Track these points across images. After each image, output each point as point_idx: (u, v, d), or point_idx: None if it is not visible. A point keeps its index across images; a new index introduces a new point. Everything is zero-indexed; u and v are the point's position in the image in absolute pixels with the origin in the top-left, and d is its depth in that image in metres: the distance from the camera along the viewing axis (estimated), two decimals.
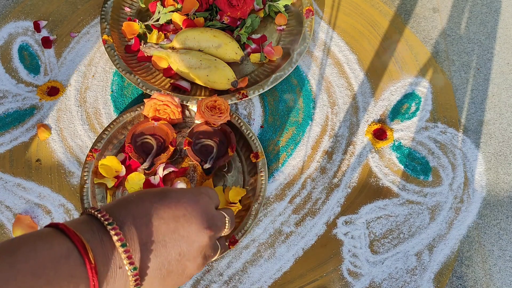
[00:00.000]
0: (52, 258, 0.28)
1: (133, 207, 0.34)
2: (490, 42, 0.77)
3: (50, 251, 0.29)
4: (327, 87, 0.72)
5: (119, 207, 0.34)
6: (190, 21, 0.72)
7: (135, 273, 0.32)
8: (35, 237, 0.30)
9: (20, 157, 0.66)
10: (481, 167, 0.67)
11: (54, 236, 0.30)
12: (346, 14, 0.79)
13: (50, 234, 0.30)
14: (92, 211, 0.33)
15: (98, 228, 0.32)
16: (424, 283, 0.59)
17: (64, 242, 0.30)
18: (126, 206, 0.35)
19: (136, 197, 0.36)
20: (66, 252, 0.29)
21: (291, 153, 0.67)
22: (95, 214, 0.33)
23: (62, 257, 0.29)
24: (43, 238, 0.30)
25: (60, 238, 0.30)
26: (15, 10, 0.78)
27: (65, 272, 0.28)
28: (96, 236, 0.31)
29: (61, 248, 0.29)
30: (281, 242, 0.61)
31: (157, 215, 0.35)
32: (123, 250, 0.32)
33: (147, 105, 0.64)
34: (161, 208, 0.35)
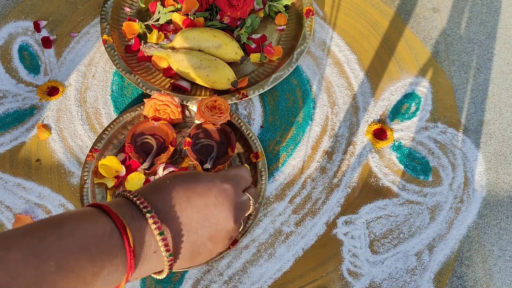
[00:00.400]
0: (96, 235, 0.30)
1: (167, 195, 0.36)
2: (490, 42, 0.77)
3: (95, 229, 0.30)
4: (327, 87, 0.72)
5: (154, 194, 0.36)
6: (190, 21, 0.72)
7: (170, 259, 0.34)
8: (80, 214, 0.31)
9: (20, 157, 0.66)
10: (481, 167, 0.67)
11: (98, 216, 0.32)
12: (346, 14, 0.79)
13: (94, 213, 0.32)
14: (130, 196, 0.35)
15: (137, 213, 0.34)
16: (424, 283, 0.59)
17: (108, 222, 0.31)
18: (160, 192, 0.36)
19: (170, 184, 0.37)
20: (110, 231, 0.31)
21: (291, 153, 0.67)
22: (133, 200, 0.34)
23: (105, 236, 0.30)
24: (87, 216, 0.31)
25: (104, 218, 0.32)
26: (15, 10, 0.78)
27: (107, 250, 0.30)
28: (135, 220, 0.33)
29: (105, 227, 0.31)
30: (281, 242, 0.61)
31: (190, 204, 0.37)
32: (161, 238, 0.33)
33: (147, 105, 0.64)
34: (193, 196, 0.37)
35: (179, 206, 0.36)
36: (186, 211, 0.36)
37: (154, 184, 0.38)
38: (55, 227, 0.29)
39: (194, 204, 0.37)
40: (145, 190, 0.37)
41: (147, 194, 0.36)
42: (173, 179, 0.38)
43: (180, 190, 0.37)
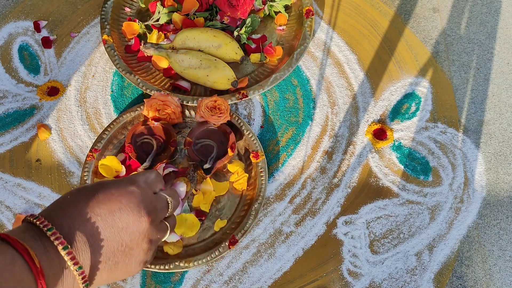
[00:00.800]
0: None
1: (69, 209, 0.36)
2: (490, 42, 0.77)
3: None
4: (327, 87, 0.72)
5: (56, 211, 0.35)
6: (190, 21, 0.72)
7: (81, 272, 0.34)
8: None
9: (20, 157, 0.66)
10: (481, 167, 0.67)
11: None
12: (346, 14, 0.79)
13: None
14: (31, 218, 0.34)
15: (40, 234, 0.33)
16: (424, 283, 0.59)
17: (8, 251, 0.30)
18: (62, 208, 0.36)
19: (71, 198, 0.37)
20: (11, 259, 0.30)
21: (291, 153, 0.67)
22: (33, 222, 0.34)
23: (7, 265, 0.30)
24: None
25: (3, 247, 0.31)
26: (15, 10, 0.78)
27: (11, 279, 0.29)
28: (38, 242, 0.32)
29: (6, 256, 0.30)
30: (281, 242, 0.61)
31: (93, 213, 0.36)
32: (66, 252, 0.33)
33: (147, 105, 0.64)
34: (95, 205, 0.36)
35: (83, 218, 0.35)
36: (90, 221, 0.35)
37: (57, 202, 0.37)
38: None
39: (98, 212, 0.36)
40: (48, 209, 0.36)
41: (51, 213, 0.35)
42: (74, 193, 0.37)
43: (82, 201, 0.36)
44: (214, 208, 0.62)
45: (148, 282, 0.58)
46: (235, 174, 0.62)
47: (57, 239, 0.33)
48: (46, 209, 0.36)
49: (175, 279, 0.59)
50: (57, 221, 0.34)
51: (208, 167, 0.61)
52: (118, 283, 0.58)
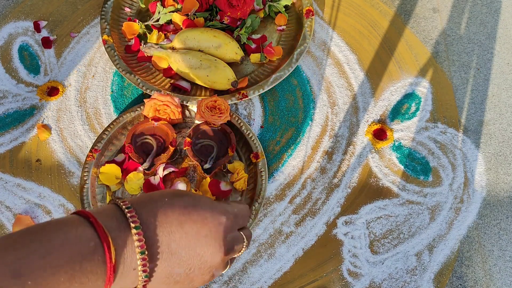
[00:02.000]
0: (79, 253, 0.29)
1: (161, 213, 0.35)
2: (490, 42, 0.77)
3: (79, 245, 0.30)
4: (327, 87, 0.72)
5: (147, 207, 0.35)
6: (190, 21, 0.72)
7: (145, 280, 0.33)
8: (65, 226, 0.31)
9: (20, 157, 0.66)
10: (481, 167, 0.67)
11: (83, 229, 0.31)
12: (346, 14, 0.79)
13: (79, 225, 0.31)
14: (123, 206, 0.34)
15: (125, 225, 0.33)
16: (424, 283, 0.59)
17: (93, 238, 0.31)
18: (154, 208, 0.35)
19: (168, 202, 0.36)
20: (93, 248, 0.30)
21: (291, 153, 0.67)
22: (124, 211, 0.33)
23: (88, 253, 0.30)
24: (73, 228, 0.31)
25: (89, 232, 0.31)
26: (15, 10, 0.78)
27: (88, 268, 0.30)
28: (121, 235, 0.32)
29: (89, 243, 0.30)
30: (281, 242, 0.61)
31: (181, 228, 0.35)
32: (141, 258, 0.33)
33: (147, 105, 0.64)
34: (186, 222, 0.36)
35: (170, 228, 0.35)
36: (175, 235, 0.35)
37: (151, 197, 0.37)
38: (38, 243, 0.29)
39: (186, 230, 0.35)
40: (140, 201, 0.36)
41: (141, 207, 0.35)
42: (172, 198, 0.37)
43: (176, 211, 0.36)
44: None
45: None
46: (235, 174, 0.62)
47: (139, 241, 0.33)
48: (138, 199, 0.36)
49: None
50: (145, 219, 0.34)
51: (208, 167, 0.61)
52: None
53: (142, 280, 0.33)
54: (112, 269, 0.31)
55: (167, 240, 0.35)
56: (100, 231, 0.31)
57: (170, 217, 0.35)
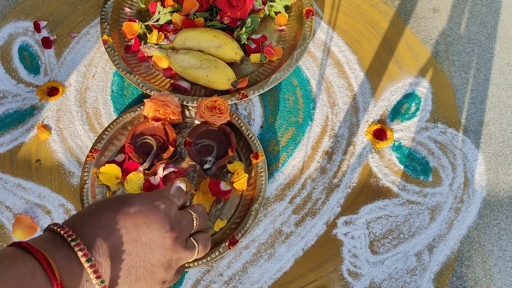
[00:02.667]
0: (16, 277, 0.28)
1: (94, 220, 0.35)
2: (490, 42, 0.77)
3: (14, 270, 0.29)
4: (327, 87, 0.72)
5: (81, 221, 0.35)
6: (190, 21, 0.72)
7: (103, 286, 0.33)
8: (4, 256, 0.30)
9: (20, 157, 0.66)
10: (481, 167, 0.67)
11: (18, 255, 0.30)
12: (346, 14, 0.79)
13: (14, 253, 0.30)
14: (55, 227, 0.33)
15: (62, 244, 0.32)
16: (424, 283, 0.59)
17: (29, 260, 0.30)
18: (88, 219, 0.35)
19: (96, 209, 0.36)
20: (31, 269, 0.29)
21: (291, 153, 0.67)
22: (57, 231, 0.33)
23: (27, 275, 0.29)
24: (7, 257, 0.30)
25: (24, 256, 0.30)
26: (15, 10, 0.78)
27: None
28: (60, 252, 0.32)
29: (26, 266, 0.29)
30: (281, 242, 0.61)
31: (119, 225, 0.35)
32: (89, 265, 0.32)
33: (147, 105, 0.64)
34: (121, 218, 0.36)
35: (107, 230, 0.35)
36: (114, 234, 0.35)
37: (82, 212, 0.36)
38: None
39: (123, 225, 0.35)
40: (73, 219, 0.35)
41: (75, 223, 0.35)
42: (100, 204, 0.37)
43: (108, 213, 0.36)
44: (214, 208, 0.62)
45: None
46: (235, 174, 0.62)
47: (81, 250, 0.32)
48: (70, 218, 0.35)
49: None
50: (81, 232, 0.34)
51: (208, 167, 0.61)
52: None
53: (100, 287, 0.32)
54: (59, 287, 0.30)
55: (110, 242, 0.34)
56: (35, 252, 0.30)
57: (104, 220, 0.35)
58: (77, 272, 0.32)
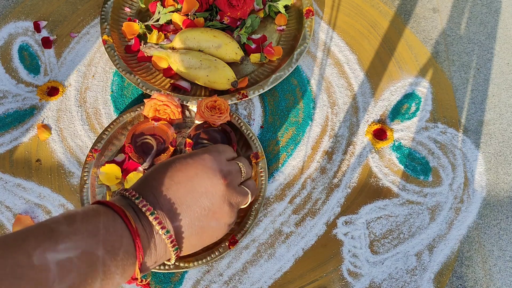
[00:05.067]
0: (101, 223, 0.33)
1: (151, 181, 0.39)
2: (490, 42, 0.77)
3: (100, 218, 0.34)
4: (327, 87, 0.72)
5: (141, 185, 0.39)
6: (190, 21, 0.72)
7: (169, 235, 0.37)
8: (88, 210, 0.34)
9: (20, 157, 0.66)
10: (481, 167, 0.67)
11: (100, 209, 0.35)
12: (346, 14, 0.79)
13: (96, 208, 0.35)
14: (122, 192, 0.38)
15: (131, 204, 0.37)
16: (424, 283, 0.59)
17: (109, 212, 0.35)
18: (146, 182, 0.39)
19: (152, 172, 0.40)
20: (112, 217, 0.34)
21: (291, 153, 0.67)
22: (125, 194, 0.38)
23: (109, 221, 0.34)
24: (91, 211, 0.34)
25: (105, 209, 0.35)
26: (15, 11, 0.78)
27: (115, 233, 0.33)
28: (131, 209, 0.36)
29: (107, 216, 0.34)
30: (281, 242, 0.61)
31: (173, 181, 0.39)
32: (153, 218, 0.36)
33: (147, 105, 0.64)
34: (174, 174, 0.39)
35: (164, 187, 0.38)
36: (171, 189, 0.38)
37: (140, 178, 0.41)
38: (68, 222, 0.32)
39: (177, 180, 0.39)
40: (135, 185, 0.40)
41: (136, 187, 0.39)
42: (155, 168, 0.41)
43: (161, 173, 0.39)
44: None
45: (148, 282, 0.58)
46: None
47: (144, 206, 0.36)
48: (133, 185, 0.40)
49: (175, 279, 0.59)
50: (142, 192, 0.38)
51: None
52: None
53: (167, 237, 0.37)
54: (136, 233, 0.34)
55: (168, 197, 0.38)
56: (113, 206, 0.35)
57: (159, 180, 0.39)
58: (147, 225, 0.36)
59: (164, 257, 0.38)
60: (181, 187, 0.39)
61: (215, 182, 0.40)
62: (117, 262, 0.32)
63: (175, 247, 0.38)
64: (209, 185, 0.40)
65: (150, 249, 0.36)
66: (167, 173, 0.39)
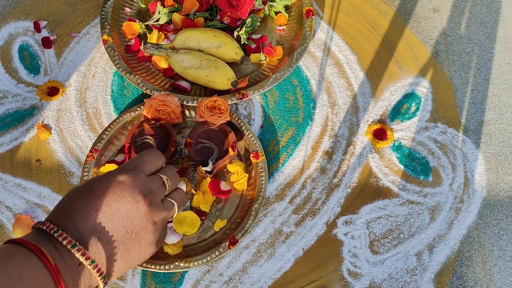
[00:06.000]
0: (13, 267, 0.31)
1: (69, 211, 0.37)
2: (490, 42, 0.77)
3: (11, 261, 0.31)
4: (327, 87, 0.72)
5: (58, 215, 0.37)
6: (190, 21, 0.72)
7: (95, 265, 0.35)
8: None
9: (20, 157, 0.66)
10: (481, 167, 0.67)
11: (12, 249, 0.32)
12: (346, 14, 0.79)
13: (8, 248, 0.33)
14: (38, 225, 0.36)
15: (50, 238, 0.35)
16: (424, 283, 0.59)
17: (23, 251, 0.32)
18: (63, 211, 0.37)
19: (68, 200, 0.38)
20: (27, 258, 0.32)
21: (291, 153, 0.67)
22: (41, 227, 0.35)
23: (24, 263, 0.31)
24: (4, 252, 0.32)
25: (19, 249, 0.32)
26: (15, 10, 0.78)
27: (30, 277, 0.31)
28: (49, 244, 0.34)
29: (21, 256, 0.32)
30: (281, 242, 0.61)
31: (91, 208, 0.37)
32: (76, 250, 0.34)
33: (147, 105, 0.64)
34: (92, 201, 0.38)
35: (83, 216, 0.37)
36: (90, 218, 0.37)
37: (57, 207, 0.39)
38: None
39: (95, 207, 0.37)
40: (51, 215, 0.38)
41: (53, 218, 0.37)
42: (70, 195, 0.39)
43: (78, 201, 0.38)
44: (214, 208, 0.62)
45: (148, 282, 0.58)
46: (235, 174, 0.62)
47: (65, 239, 0.34)
48: (49, 215, 0.38)
49: (175, 279, 0.59)
50: (61, 224, 0.36)
51: (209, 169, 0.61)
52: (118, 283, 0.58)
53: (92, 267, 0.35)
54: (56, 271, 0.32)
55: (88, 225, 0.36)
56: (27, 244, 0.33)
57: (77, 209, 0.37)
58: (68, 259, 0.34)
59: (92, 286, 0.37)
60: (101, 214, 0.37)
61: (135, 205, 0.39)
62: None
63: (102, 275, 0.36)
64: (129, 209, 0.39)
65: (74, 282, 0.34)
66: (84, 200, 0.38)
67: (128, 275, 0.59)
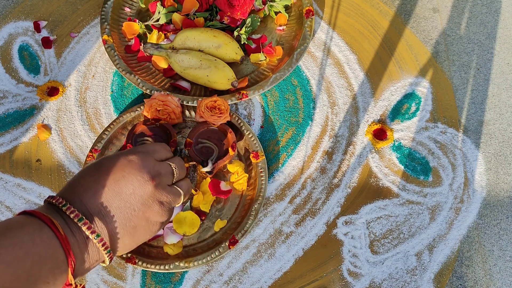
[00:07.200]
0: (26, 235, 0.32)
1: (78, 187, 0.39)
2: (490, 42, 0.77)
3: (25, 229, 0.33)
4: (327, 87, 0.72)
5: (67, 190, 0.39)
6: (190, 21, 0.72)
7: (100, 239, 0.37)
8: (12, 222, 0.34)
9: (20, 157, 0.66)
10: (481, 167, 0.67)
11: (25, 220, 0.34)
12: (346, 14, 0.79)
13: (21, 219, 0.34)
14: (49, 199, 0.38)
15: (59, 211, 0.37)
16: (424, 283, 0.59)
17: (35, 221, 0.34)
18: (72, 187, 0.39)
19: (78, 177, 0.40)
20: (39, 227, 0.34)
21: (291, 153, 0.67)
22: (52, 202, 0.37)
23: (36, 232, 0.33)
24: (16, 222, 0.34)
25: (31, 219, 0.34)
26: (15, 10, 0.78)
27: (41, 242, 0.33)
28: (59, 217, 0.36)
29: (33, 226, 0.34)
30: (281, 242, 0.61)
31: (99, 185, 0.39)
32: (82, 223, 0.36)
33: (147, 105, 0.64)
34: (100, 178, 0.39)
35: (91, 191, 0.38)
36: (98, 193, 0.38)
37: (67, 183, 0.40)
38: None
39: (103, 183, 0.39)
40: (61, 191, 0.39)
41: (63, 193, 0.38)
42: (80, 173, 0.41)
43: (87, 177, 0.39)
44: (214, 208, 0.62)
45: (148, 282, 0.58)
46: (235, 174, 0.62)
47: (72, 213, 0.36)
48: (61, 190, 0.39)
49: (175, 279, 0.59)
50: (69, 198, 0.37)
51: (209, 169, 0.61)
52: (118, 283, 0.58)
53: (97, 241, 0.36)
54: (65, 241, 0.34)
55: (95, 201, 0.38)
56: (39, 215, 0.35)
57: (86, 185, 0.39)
58: (76, 232, 0.36)
59: (99, 260, 0.38)
60: (109, 190, 0.39)
61: (142, 183, 0.40)
62: (47, 271, 0.32)
63: (107, 249, 0.37)
64: (136, 186, 0.40)
65: (82, 254, 0.36)
66: (93, 177, 0.39)
67: (128, 275, 0.59)
